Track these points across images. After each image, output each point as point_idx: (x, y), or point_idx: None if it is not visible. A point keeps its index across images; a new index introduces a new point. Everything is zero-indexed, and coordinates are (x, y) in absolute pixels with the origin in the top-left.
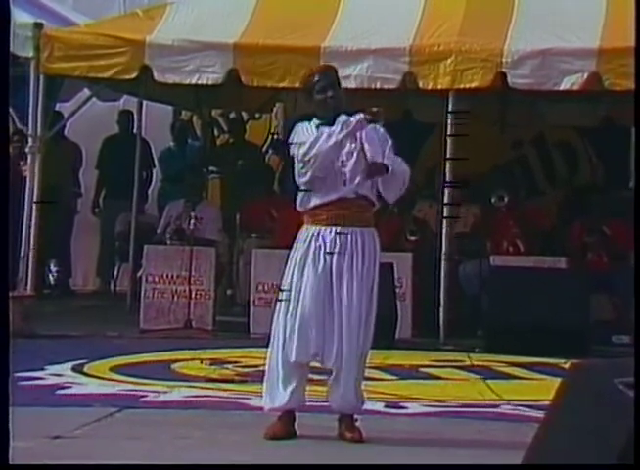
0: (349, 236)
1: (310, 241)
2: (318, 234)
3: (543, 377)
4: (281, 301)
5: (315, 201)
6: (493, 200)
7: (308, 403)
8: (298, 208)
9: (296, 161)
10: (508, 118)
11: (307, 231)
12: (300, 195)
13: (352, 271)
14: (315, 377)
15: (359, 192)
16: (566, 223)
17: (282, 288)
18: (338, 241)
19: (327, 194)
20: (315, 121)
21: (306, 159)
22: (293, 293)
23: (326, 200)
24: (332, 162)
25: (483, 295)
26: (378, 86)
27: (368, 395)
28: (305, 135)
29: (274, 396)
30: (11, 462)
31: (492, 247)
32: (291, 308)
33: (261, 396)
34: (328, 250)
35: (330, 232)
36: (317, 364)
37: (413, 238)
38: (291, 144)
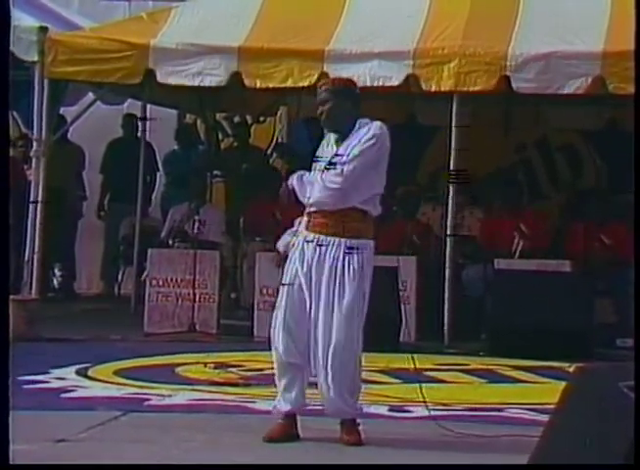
0: (328, 246)
1: (296, 247)
2: (303, 241)
3: (547, 380)
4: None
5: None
6: (497, 203)
7: (312, 407)
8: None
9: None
10: (512, 122)
11: (297, 236)
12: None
13: (333, 281)
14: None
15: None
16: (569, 226)
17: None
18: (317, 249)
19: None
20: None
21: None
22: (280, 296)
23: (310, 209)
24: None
25: (487, 298)
26: (380, 84)
27: (372, 398)
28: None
29: (277, 397)
30: (11, 462)
31: (496, 250)
32: (278, 313)
33: (266, 399)
34: (309, 257)
35: (312, 240)
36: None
37: (417, 242)
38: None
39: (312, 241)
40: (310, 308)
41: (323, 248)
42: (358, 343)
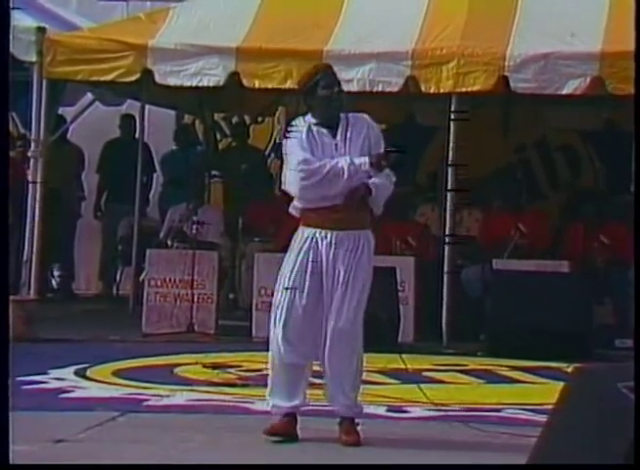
0: (344, 240)
1: (303, 244)
2: (312, 237)
3: (546, 381)
4: (276, 303)
5: (308, 205)
6: (496, 203)
7: (311, 407)
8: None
9: (287, 167)
10: (510, 122)
11: (302, 233)
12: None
13: (344, 276)
14: (317, 381)
15: (354, 197)
16: (568, 227)
17: (276, 290)
18: (331, 244)
19: (320, 201)
20: (312, 120)
21: (304, 184)
22: (286, 295)
23: (320, 205)
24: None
25: (486, 298)
26: (380, 89)
27: (370, 398)
28: (300, 142)
29: (275, 397)
30: (11, 463)
31: (495, 250)
32: (285, 311)
33: (264, 399)
34: (323, 253)
35: (325, 236)
36: (318, 368)
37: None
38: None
39: (326, 237)
40: (320, 304)
41: (338, 243)
42: (361, 336)
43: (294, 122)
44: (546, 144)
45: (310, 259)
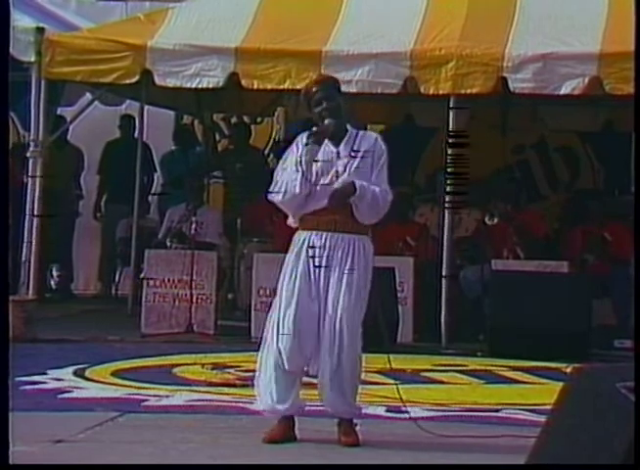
0: (339, 242)
1: (300, 247)
2: (308, 239)
3: (545, 381)
4: (273, 306)
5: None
6: (495, 204)
7: (310, 408)
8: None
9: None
10: (509, 123)
11: (299, 236)
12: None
13: (340, 278)
14: (316, 381)
15: (337, 197)
16: (567, 227)
17: (276, 293)
18: (327, 246)
19: (315, 203)
20: (304, 139)
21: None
22: (283, 298)
23: (314, 208)
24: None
25: (485, 299)
26: (379, 91)
27: (370, 399)
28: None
29: (270, 400)
30: (11, 463)
31: (494, 251)
32: (282, 315)
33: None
34: (317, 255)
35: (320, 237)
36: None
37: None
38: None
39: (321, 238)
40: (318, 308)
41: (333, 245)
42: (360, 339)
43: (297, 139)
44: (545, 145)
45: (305, 263)
